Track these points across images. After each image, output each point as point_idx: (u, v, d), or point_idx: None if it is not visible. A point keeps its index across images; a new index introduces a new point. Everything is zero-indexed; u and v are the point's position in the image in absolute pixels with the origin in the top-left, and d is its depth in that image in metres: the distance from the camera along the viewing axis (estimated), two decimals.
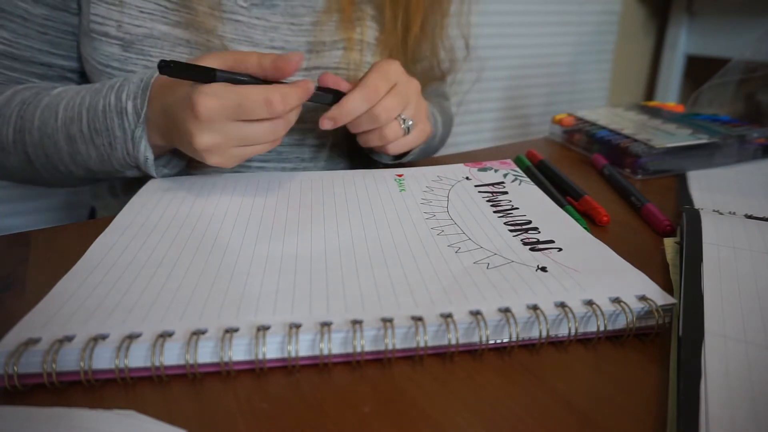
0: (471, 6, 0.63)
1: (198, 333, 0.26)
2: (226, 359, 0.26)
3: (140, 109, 0.41)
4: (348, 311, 0.28)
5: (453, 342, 0.27)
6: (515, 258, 0.34)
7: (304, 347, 0.27)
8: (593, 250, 0.35)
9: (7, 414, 0.23)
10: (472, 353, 0.28)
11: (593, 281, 0.31)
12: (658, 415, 0.24)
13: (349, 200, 0.43)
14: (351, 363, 0.27)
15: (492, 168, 0.50)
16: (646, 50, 1.71)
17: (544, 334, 0.28)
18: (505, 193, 0.45)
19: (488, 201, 0.43)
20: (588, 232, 0.38)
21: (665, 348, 0.29)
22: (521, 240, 0.37)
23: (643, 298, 0.30)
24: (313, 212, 0.40)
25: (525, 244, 0.36)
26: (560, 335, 0.29)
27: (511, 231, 0.38)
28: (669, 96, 1.62)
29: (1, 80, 0.50)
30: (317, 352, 0.27)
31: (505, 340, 0.28)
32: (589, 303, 0.29)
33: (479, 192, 0.45)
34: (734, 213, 0.42)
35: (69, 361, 0.25)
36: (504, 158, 0.54)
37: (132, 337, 0.26)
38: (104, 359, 0.25)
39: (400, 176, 0.48)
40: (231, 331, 0.26)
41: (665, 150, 0.53)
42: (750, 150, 0.57)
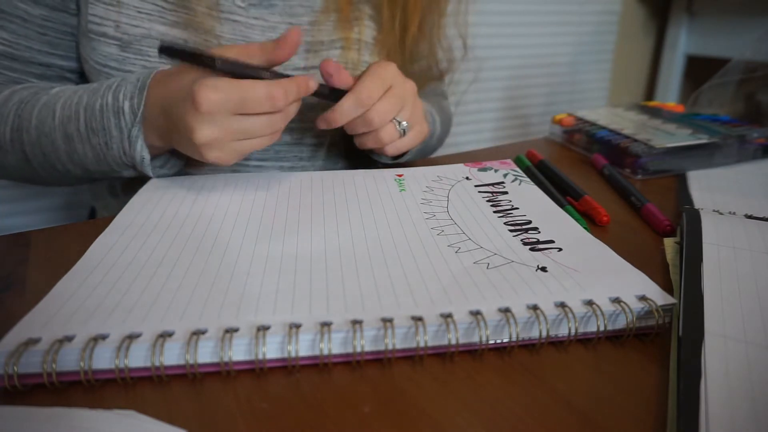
0: (468, 6, 0.63)
1: (198, 333, 0.26)
2: (226, 359, 0.26)
3: (137, 109, 0.41)
4: (348, 311, 0.28)
5: (453, 342, 0.27)
6: (515, 258, 0.34)
7: (304, 347, 0.27)
8: (593, 250, 0.35)
9: (7, 414, 0.23)
10: (472, 353, 0.28)
11: (593, 281, 0.31)
12: (658, 415, 0.24)
13: (349, 200, 0.43)
14: (351, 363, 0.27)
15: (492, 168, 0.50)
16: (646, 50, 1.71)
17: (544, 334, 0.28)
18: (505, 193, 0.45)
19: (488, 201, 0.43)
20: (588, 232, 0.38)
21: (665, 348, 0.29)
22: (521, 240, 0.37)
23: (643, 298, 0.30)
24: (313, 212, 0.40)
25: (525, 244, 0.36)
26: (560, 335, 0.29)
27: (511, 231, 0.38)
28: (669, 96, 1.62)
29: (1, 80, 0.50)
30: (317, 352, 0.27)
31: (505, 340, 0.28)
32: (589, 303, 0.29)
33: (479, 192, 0.45)
34: (734, 213, 0.42)
35: (69, 361, 0.25)
36: (504, 158, 0.54)
37: (132, 337, 0.26)
38: (104, 359, 0.25)
39: (400, 176, 0.48)
40: (231, 331, 0.26)
41: (665, 150, 0.53)
42: (750, 150, 0.57)
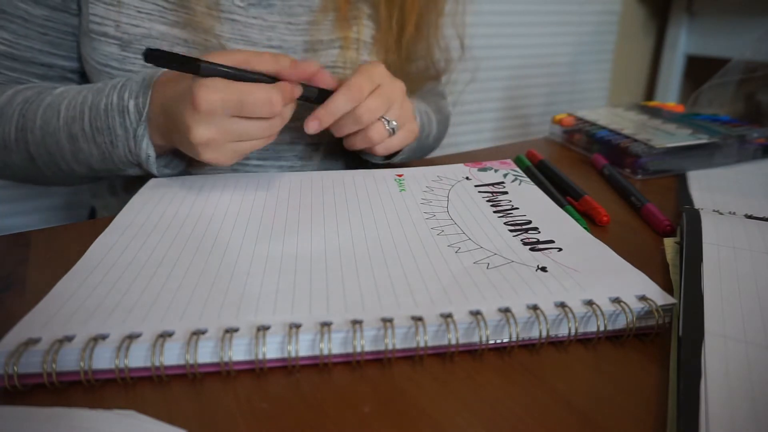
0: (466, 6, 0.63)
1: (198, 333, 0.26)
2: (226, 359, 0.26)
3: (142, 108, 0.42)
4: (348, 311, 0.28)
5: (453, 342, 0.27)
6: (515, 258, 0.34)
7: (304, 347, 0.27)
8: (593, 250, 0.35)
9: (7, 414, 0.23)
10: (472, 353, 0.28)
11: (593, 281, 0.31)
12: (658, 415, 0.24)
13: (349, 200, 0.43)
14: (351, 363, 0.27)
15: (492, 168, 0.50)
16: (646, 50, 1.71)
17: (544, 334, 0.28)
18: (505, 193, 0.45)
19: (488, 201, 0.43)
20: (588, 232, 0.38)
21: (665, 348, 0.29)
22: (521, 240, 0.37)
23: (643, 298, 0.30)
24: (313, 212, 0.40)
25: (525, 244, 0.36)
26: (560, 335, 0.29)
27: (511, 231, 0.38)
28: (669, 96, 1.62)
29: (2, 80, 0.50)
30: (317, 352, 0.27)
31: (505, 340, 0.28)
32: (589, 303, 0.29)
33: (479, 192, 0.45)
34: (734, 213, 0.42)
35: (69, 361, 0.25)
36: (504, 158, 0.54)
37: (132, 337, 0.26)
38: (104, 359, 0.25)
39: (400, 176, 0.48)
40: (231, 331, 0.26)
41: (665, 150, 0.53)
42: (750, 150, 0.57)
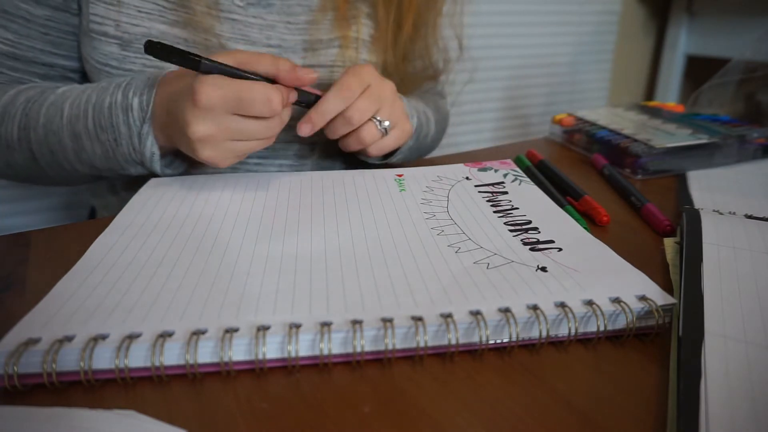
0: (464, 6, 0.63)
1: (198, 333, 0.26)
2: (226, 359, 0.26)
3: (146, 106, 0.42)
4: (348, 311, 0.28)
5: (453, 342, 0.27)
6: (515, 258, 0.34)
7: (304, 347, 0.27)
8: (593, 250, 0.35)
9: (7, 414, 0.23)
10: (472, 353, 0.28)
11: (593, 281, 0.31)
12: (658, 415, 0.24)
13: (349, 200, 0.43)
14: (351, 363, 0.27)
15: (492, 168, 0.50)
16: (646, 50, 1.71)
17: (544, 334, 0.28)
18: (505, 193, 0.45)
19: (488, 201, 0.43)
20: (588, 232, 0.38)
21: (665, 348, 0.29)
22: (521, 240, 0.37)
23: (643, 298, 0.30)
24: (313, 212, 0.40)
25: (525, 244, 0.36)
26: (560, 335, 0.29)
27: (511, 231, 0.38)
28: (669, 96, 1.62)
29: (4, 80, 0.50)
30: (317, 352, 0.27)
31: (505, 340, 0.28)
32: (589, 303, 0.29)
33: (479, 192, 0.45)
34: (734, 213, 0.42)
35: (69, 361, 0.25)
36: (504, 158, 0.54)
37: (132, 337, 0.26)
38: (104, 359, 0.25)
39: (400, 176, 0.48)
40: (231, 331, 0.26)
41: (665, 150, 0.53)
42: (750, 150, 0.57)
